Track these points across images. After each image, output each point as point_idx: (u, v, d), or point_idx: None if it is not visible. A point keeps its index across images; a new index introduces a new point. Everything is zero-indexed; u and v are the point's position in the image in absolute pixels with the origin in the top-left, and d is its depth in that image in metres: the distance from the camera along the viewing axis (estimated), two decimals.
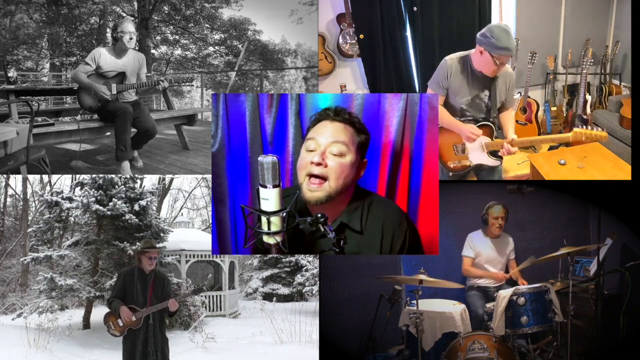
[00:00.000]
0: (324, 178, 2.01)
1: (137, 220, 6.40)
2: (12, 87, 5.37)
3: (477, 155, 3.72)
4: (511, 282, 3.98)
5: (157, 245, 6.43)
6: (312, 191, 2.02)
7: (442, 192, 2.60)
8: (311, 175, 2.03)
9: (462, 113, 3.67)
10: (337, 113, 2.09)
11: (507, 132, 3.66)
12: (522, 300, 3.50)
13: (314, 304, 6.98)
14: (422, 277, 3.57)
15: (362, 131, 2.14)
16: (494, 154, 3.69)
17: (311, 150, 2.05)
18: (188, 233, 8.53)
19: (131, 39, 4.62)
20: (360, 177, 2.16)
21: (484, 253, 4.06)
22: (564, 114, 5.46)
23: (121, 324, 3.42)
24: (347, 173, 2.05)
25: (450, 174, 3.80)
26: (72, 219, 6.78)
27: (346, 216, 2.11)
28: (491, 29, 3.37)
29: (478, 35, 3.45)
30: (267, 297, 9.26)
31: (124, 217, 6.31)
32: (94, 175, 6.37)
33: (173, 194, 12.98)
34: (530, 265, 3.87)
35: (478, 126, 3.64)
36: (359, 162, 2.11)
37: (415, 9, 5.21)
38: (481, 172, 3.86)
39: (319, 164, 1.99)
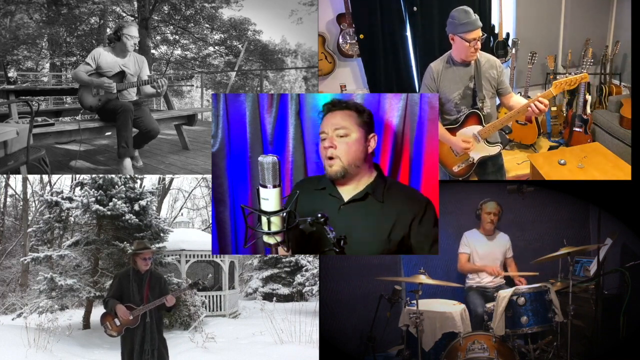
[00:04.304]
0: (337, 157, 2.36)
1: (137, 220, 6.40)
2: (12, 87, 5.37)
3: (476, 148, 3.71)
4: (511, 282, 3.98)
5: (158, 245, 6.49)
6: (330, 166, 2.37)
7: (442, 192, 2.61)
8: (328, 157, 2.37)
9: (457, 109, 3.67)
10: (334, 104, 2.43)
11: (522, 103, 3.59)
12: (522, 300, 3.50)
13: (314, 304, 6.99)
14: (422, 277, 3.57)
15: (362, 110, 2.41)
16: (490, 141, 3.67)
17: (324, 139, 2.40)
18: (188, 233, 8.53)
19: (135, 44, 4.69)
20: (373, 149, 2.41)
21: (479, 250, 4.06)
22: (564, 114, 5.46)
23: (118, 324, 3.42)
24: (355, 148, 2.35)
25: (460, 178, 3.79)
26: (72, 219, 6.78)
27: (370, 188, 2.38)
28: (451, 14, 3.49)
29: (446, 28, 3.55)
30: (267, 297, 9.28)
31: (124, 217, 6.31)
32: (94, 175, 6.38)
33: (173, 194, 13.02)
34: (530, 267, 3.88)
35: (467, 115, 3.64)
36: (365, 137, 2.37)
37: (415, 9, 5.21)
38: (486, 167, 3.82)
39: (330, 147, 2.36)
